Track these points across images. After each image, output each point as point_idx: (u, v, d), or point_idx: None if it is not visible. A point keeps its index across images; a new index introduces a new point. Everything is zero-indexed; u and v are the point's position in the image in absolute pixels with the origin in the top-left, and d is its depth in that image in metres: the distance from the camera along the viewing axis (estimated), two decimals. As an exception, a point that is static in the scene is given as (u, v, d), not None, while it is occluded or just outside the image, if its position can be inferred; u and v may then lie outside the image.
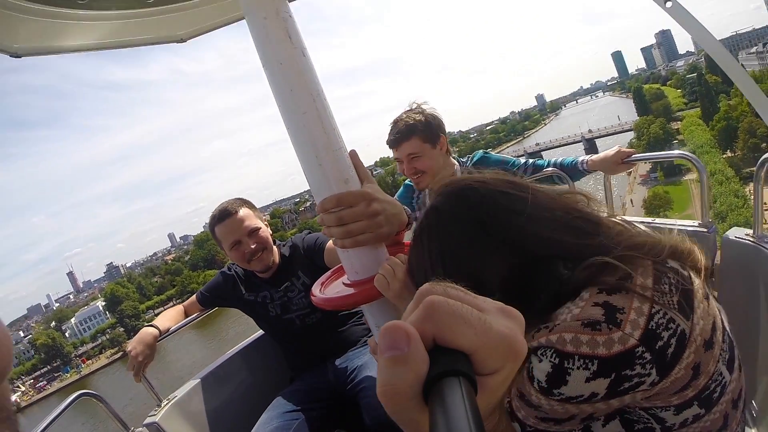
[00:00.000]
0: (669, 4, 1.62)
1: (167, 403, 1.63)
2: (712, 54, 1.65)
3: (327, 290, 0.90)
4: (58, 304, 72.44)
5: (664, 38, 71.11)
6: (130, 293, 59.23)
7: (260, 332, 1.94)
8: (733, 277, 1.37)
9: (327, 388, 1.63)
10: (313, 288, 0.92)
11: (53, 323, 57.70)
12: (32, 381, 49.20)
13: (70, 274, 78.39)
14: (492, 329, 0.26)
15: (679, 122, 46.80)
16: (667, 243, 0.64)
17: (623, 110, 67.52)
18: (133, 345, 1.54)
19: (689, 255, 0.65)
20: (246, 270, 1.76)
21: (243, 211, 1.62)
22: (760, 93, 1.11)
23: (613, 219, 0.69)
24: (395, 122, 1.72)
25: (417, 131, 1.66)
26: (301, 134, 0.74)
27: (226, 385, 1.84)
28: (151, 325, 1.63)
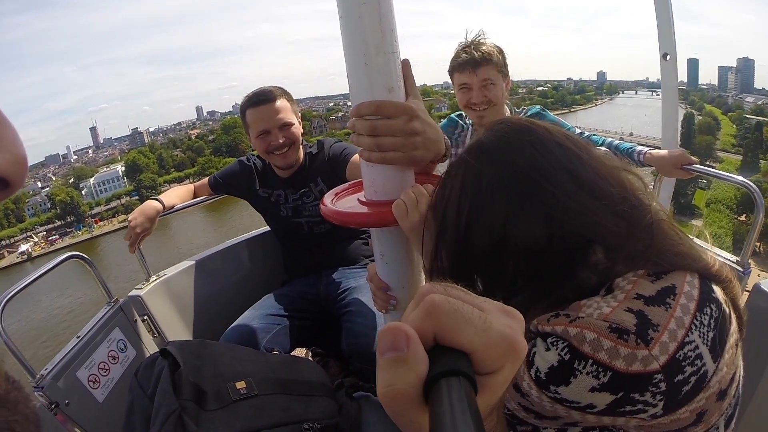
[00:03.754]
0: (668, 58, 1.60)
1: (155, 279, 1.62)
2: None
3: (339, 203, 0.83)
4: (76, 157, 73.45)
5: (745, 66, 63.81)
6: (150, 164, 60.75)
7: (267, 228, 1.90)
8: (750, 330, 1.17)
9: (315, 300, 1.62)
10: (324, 197, 0.85)
11: (72, 179, 59.61)
12: (45, 233, 50.78)
13: (93, 129, 78.42)
14: (493, 328, 0.26)
15: (718, 164, 44.72)
16: (715, 263, 0.56)
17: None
18: (134, 216, 1.52)
19: (730, 286, 0.56)
20: (264, 164, 1.71)
21: (281, 102, 1.51)
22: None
23: (663, 217, 0.59)
24: (469, 46, 1.57)
25: (494, 59, 1.54)
26: (354, 26, 0.63)
27: (219, 273, 1.81)
28: (156, 199, 1.59)
